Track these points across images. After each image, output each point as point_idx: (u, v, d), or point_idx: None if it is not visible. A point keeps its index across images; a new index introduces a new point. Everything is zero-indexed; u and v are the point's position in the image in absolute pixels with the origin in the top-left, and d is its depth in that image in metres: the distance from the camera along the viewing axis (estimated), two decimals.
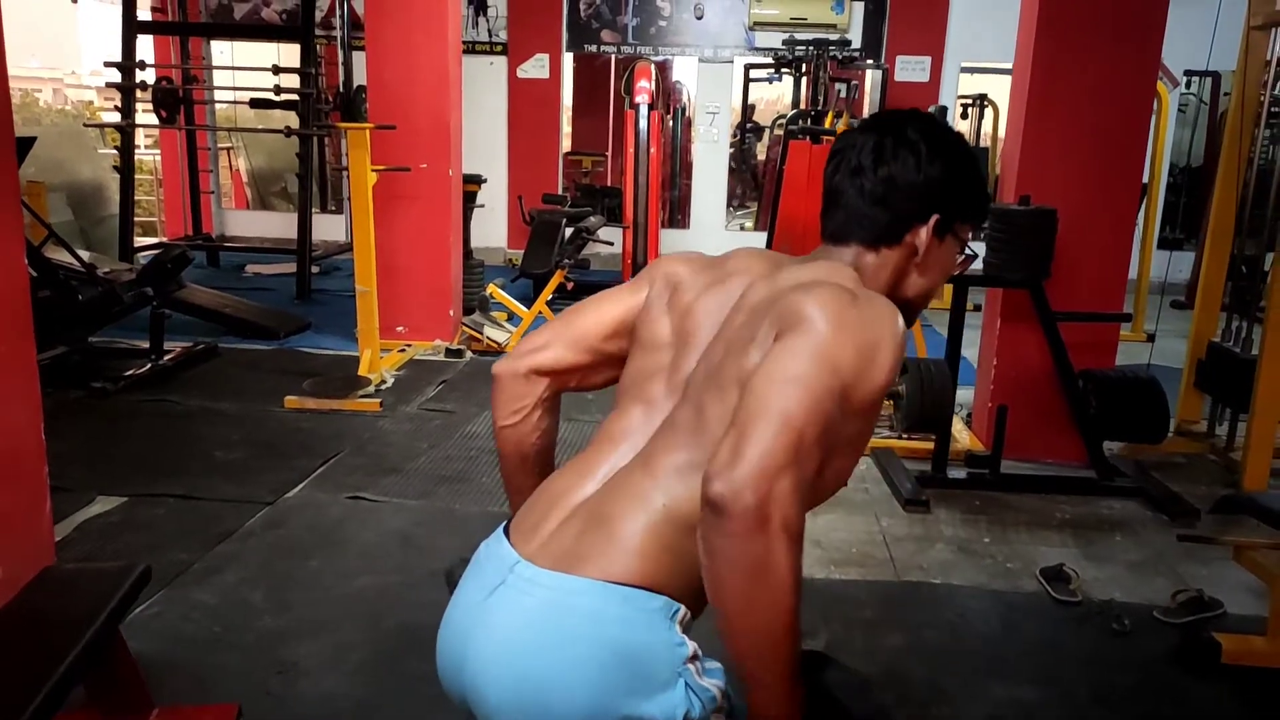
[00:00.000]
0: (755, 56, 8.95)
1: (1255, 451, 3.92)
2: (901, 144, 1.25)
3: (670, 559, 1.13)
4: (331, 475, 3.83)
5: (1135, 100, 3.96)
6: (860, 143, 1.27)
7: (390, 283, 5.42)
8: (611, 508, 1.16)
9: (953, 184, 1.26)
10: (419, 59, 5.50)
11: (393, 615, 2.76)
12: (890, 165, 1.24)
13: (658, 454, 1.18)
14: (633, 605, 1.11)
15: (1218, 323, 4.44)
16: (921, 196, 1.24)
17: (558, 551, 1.16)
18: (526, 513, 1.26)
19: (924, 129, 1.26)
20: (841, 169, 1.28)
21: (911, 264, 1.27)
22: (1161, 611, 2.94)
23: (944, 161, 1.25)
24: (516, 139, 9.20)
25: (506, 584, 1.16)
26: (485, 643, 1.15)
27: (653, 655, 1.10)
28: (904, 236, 1.25)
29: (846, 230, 1.27)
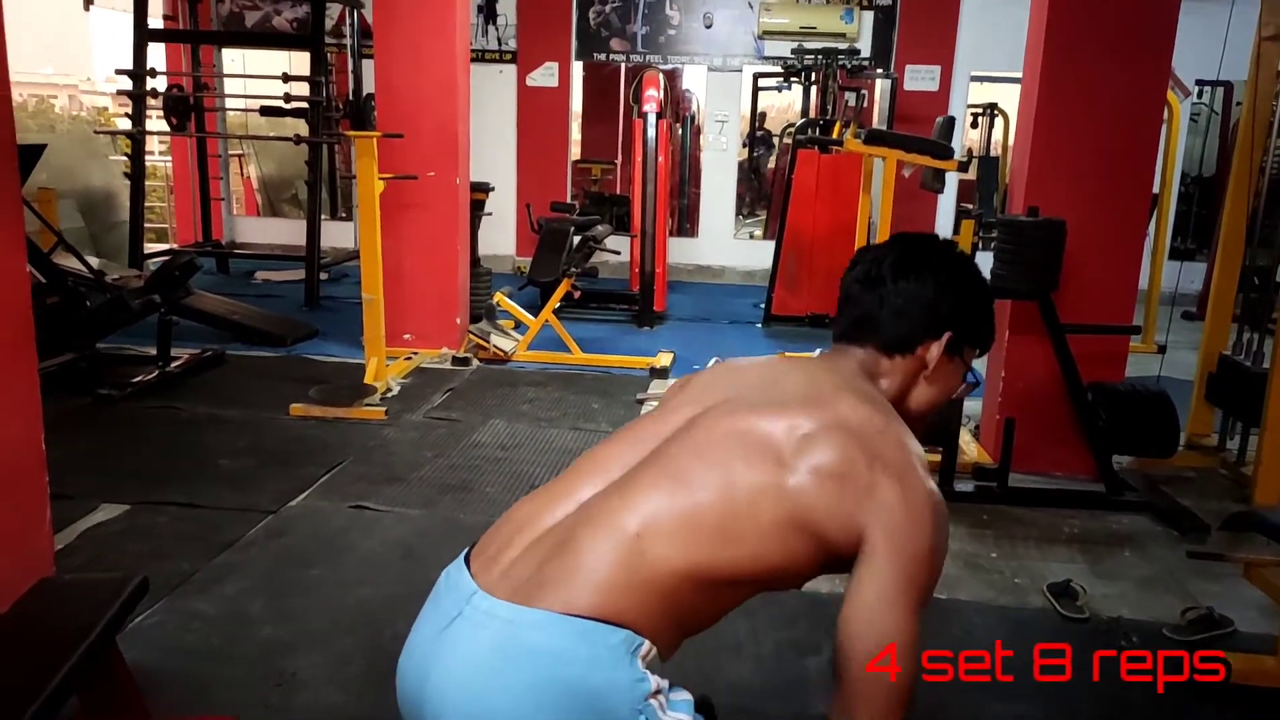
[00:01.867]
0: (764, 65, 8.94)
1: (1267, 466, 3.88)
2: (924, 264, 1.33)
3: (639, 594, 1.11)
4: (335, 484, 3.82)
5: (1145, 111, 3.93)
6: (882, 256, 1.35)
7: (397, 290, 5.42)
8: (579, 536, 1.15)
9: (967, 308, 1.35)
10: (427, 67, 5.51)
11: (393, 627, 2.73)
12: (911, 281, 1.31)
13: (638, 487, 1.17)
14: (591, 640, 1.09)
15: (1229, 335, 4.40)
16: (937, 314, 1.32)
17: (518, 581, 1.15)
18: (488, 540, 1.26)
19: (944, 253, 1.36)
20: (862, 278, 1.35)
21: (920, 376, 1.34)
22: (1171, 629, 2.90)
23: (961, 285, 1.34)
24: (525, 147, 9.21)
25: (463, 616, 1.15)
26: (442, 679, 1.13)
27: (611, 693, 1.08)
28: (916, 349, 1.32)
29: (863, 334, 1.34)
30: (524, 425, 4.62)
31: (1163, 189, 6.46)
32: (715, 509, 1.13)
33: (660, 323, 7.03)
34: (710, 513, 1.13)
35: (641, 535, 1.12)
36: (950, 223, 8.58)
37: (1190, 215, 9.45)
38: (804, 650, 2.72)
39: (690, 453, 1.18)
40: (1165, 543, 3.60)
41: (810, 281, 6.93)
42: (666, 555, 1.11)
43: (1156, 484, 4.08)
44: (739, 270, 9.20)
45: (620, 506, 1.15)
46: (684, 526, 1.13)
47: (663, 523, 1.12)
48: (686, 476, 1.16)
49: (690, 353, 6.02)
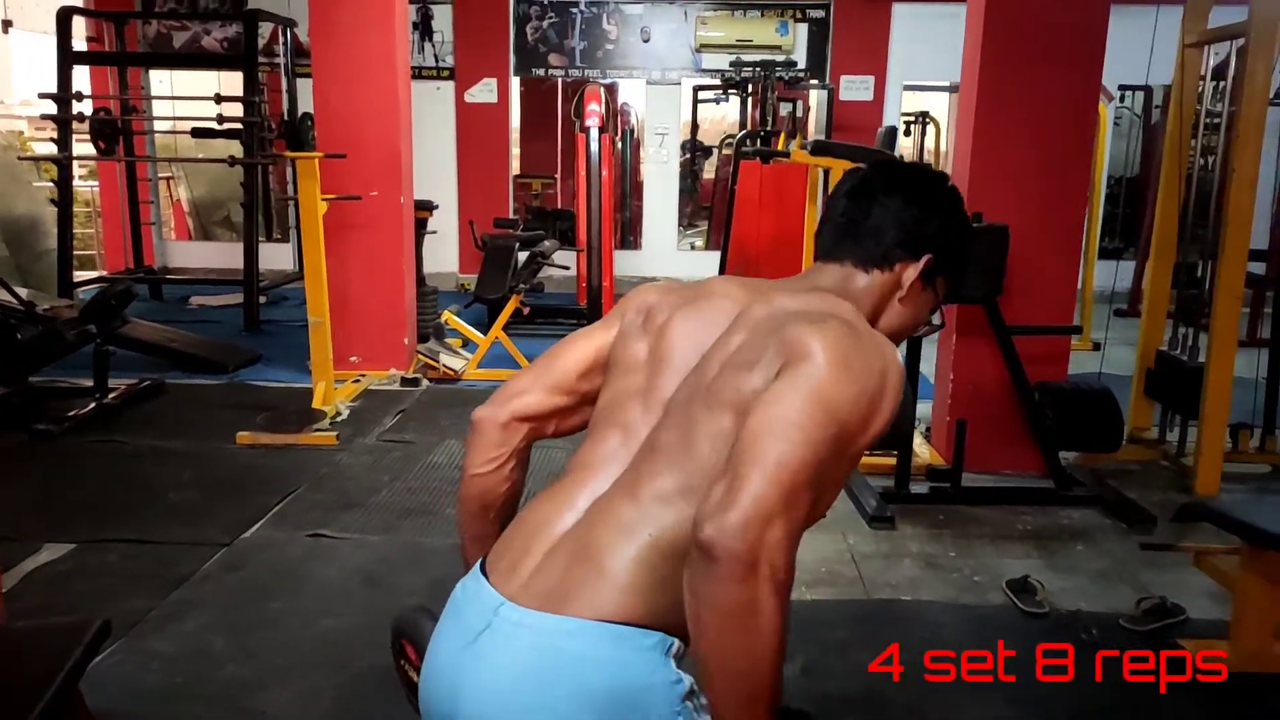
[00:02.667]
0: (703, 78, 9.03)
1: (1206, 457, 4.03)
2: (916, 183, 1.31)
3: (662, 592, 1.10)
4: (290, 513, 3.74)
5: (1079, 117, 4.06)
6: (874, 174, 1.33)
7: (343, 312, 5.33)
8: (597, 539, 1.13)
9: (951, 235, 1.32)
10: (367, 86, 5.45)
11: (361, 658, 2.69)
12: (900, 196, 1.29)
13: (641, 480, 1.15)
14: (627, 645, 1.08)
15: (1164, 331, 4.55)
16: (922, 233, 1.29)
17: (543, 590, 1.13)
18: (503, 549, 1.22)
19: (936, 180, 1.34)
20: (851, 191, 1.33)
21: (895, 296, 1.30)
22: (1127, 620, 2.98)
23: (949, 212, 1.32)
24: (466, 164, 9.15)
25: (492, 628, 1.13)
26: (476, 694, 1.11)
27: (651, 696, 1.08)
28: (895, 265, 1.29)
29: (844, 247, 1.30)
30: None
31: (1092, 191, 6.67)
32: (706, 476, 1.09)
33: None
34: (704, 483, 1.08)
35: (655, 535, 1.11)
36: None
37: (1117, 215, 9.77)
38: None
39: (680, 438, 1.15)
40: (1114, 535, 3.71)
41: None
42: (678, 541, 1.08)
43: (1102, 478, 4.20)
44: (683, 281, 9.25)
45: (631, 508, 1.13)
46: (687, 507, 1.09)
47: (671, 516, 1.11)
48: (678, 461, 1.13)
49: None
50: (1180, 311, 4.47)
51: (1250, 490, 4.15)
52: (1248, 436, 4.30)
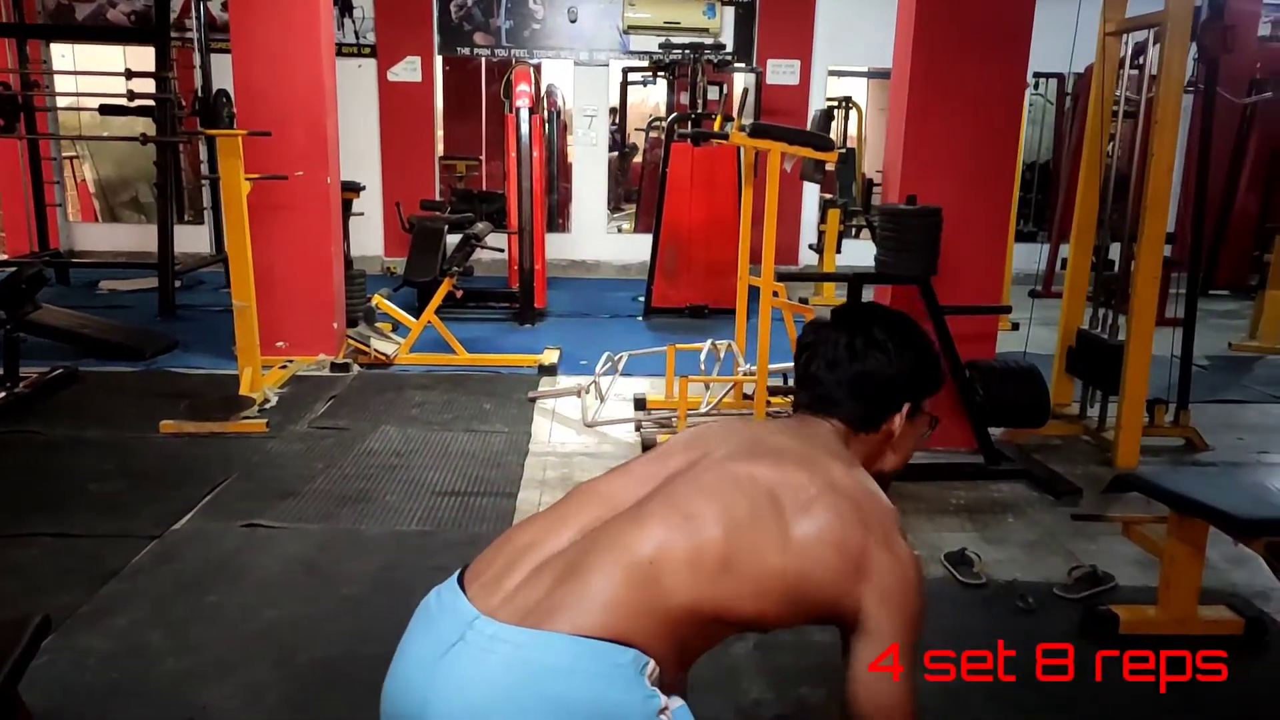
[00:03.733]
0: (631, 60, 8.99)
1: (1126, 431, 4.20)
2: (872, 344, 1.42)
3: (647, 619, 1.13)
4: (221, 503, 3.62)
5: (1007, 102, 4.16)
6: (833, 339, 1.45)
7: (269, 296, 5.17)
8: (590, 560, 1.16)
9: (919, 374, 1.45)
10: (290, 62, 5.27)
11: (306, 650, 2.62)
12: (864, 362, 1.41)
13: (653, 513, 1.20)
14: (603, 660, 1.10)
15: (1084, 311, 4.72)
16: (894, 390, 1.42)
17: (524, 606, 1.14)
18: (484, 564, 1.23)
19: (889, 328, 1.45)
20: (817, 361, 1.45)
21: (888, 444, 1.45)
22: (1061, 588, 3.09)
23: (911, 356, 1.44)
24: (390, 144, 8.95)
25: (465, 640, 1.13)
26: (445, 704, 1.11)
27: (625, 711, 1.10)
28: (881, 425, 1.42)
29: (828, 409, 1.43)
30: (416, 430, 4.50)
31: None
32: (721, 547, 1.17)
33: (541, 320, 6.98)
34: (717, 550, 1.17)
35: (655, 562, 1.14)
36: (816, 212, 8.85)
37: (1030, 201, 10.08)
38: (731, 638, 2.75)
39: (695, 491, 1.22)
40: (1042, 507, 3.84)
41: (689, 273, 7.02)
42: (675, 586, 1.14)
43: (1028, 452, 4.35)
44: (614, 264, 9.24)
45: (633, 535, 1.17)
46: (693, 561, 1.16)
47: (674, 554, 1.15)
48: (695, 513, 1.19)
49: (575, 349, 6.00)
50: (1099, 292, 4.64)
51: (1166, 462, 4.34)
52: (1163, 411, 4.49)
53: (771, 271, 4.09)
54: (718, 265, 6.98)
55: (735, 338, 4.85)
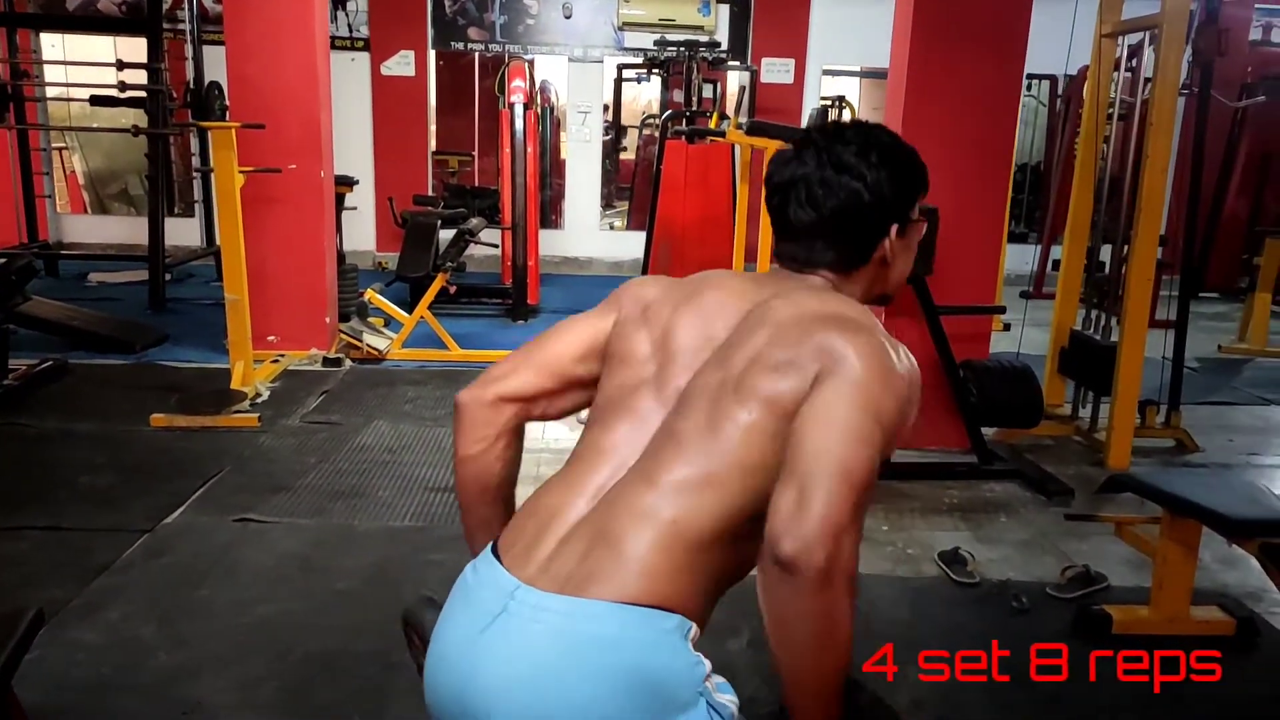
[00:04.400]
0: (625, 56, 8.98)
1: (1118, 431, 4.22)
2: (843, 170, 1.26)
3: (682, 577, 1.11)
4: (213, 497, 3.60)
5: (1003, 102, 4.17)
6: (802, 176, 1.28)
7: (261, 290, 5.14)
8: (616, 524, 1.13)
9: (901, 187, 1.30)
10: (284, 54, 5.25)
11: (300, 644, 2.61)
12: (840, 196, 1.26)
13: (660, 467, 1.15)
14: (650, 627, 1.08)
15: (1077, 312, 4.74)
16: (877, 215, 1.28)
17: (561, 574, 1.12)
18: (515, 535, 1.21)
19: (859, 145, 1.28)
20: (792, 203, 1.29)
21: (885, 268, 1.33)
22: (1054, 588, 3.10)
23: (886, 171, 1.28)
24: (383, 139, 8.92)
25: (509, 611, 1.11)
26: (492, 676, 1.09)
27: (674, 677, 1.08)
28: (872, 255, 1.30)
29: (815, 260, 1.30)
30: (409, 426, 4.48)
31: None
32: (733, 465, 1.12)
33: (534, 316, 6.97)
34: (731, 471, 1.12)
35: (677, 520, 1.11)
36: None
37: (1022, 202, 10.11)
38: (724, 634, 2.76)
39: (703, 427, 1.15)
40: (1035, 507, 3.85)
41: (682, 271, 6.91)
42: (700, 528, 1.11)
43: (1020, 452, 4.36)
44: (606, 261, 9.23)
45: (650, 495, 1.13)
46: (711, 495, 1.12)
47: (692, 501, 1.12)
48: (703, 449, 1.14)
49: None
50: (1092, 293, 4.66)
51: (1157, 463, 4.36)
52: (1154, 412, 4.51)
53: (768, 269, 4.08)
54: (711, 263, 6.92)
55: None
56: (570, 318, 1.39)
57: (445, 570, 3.26)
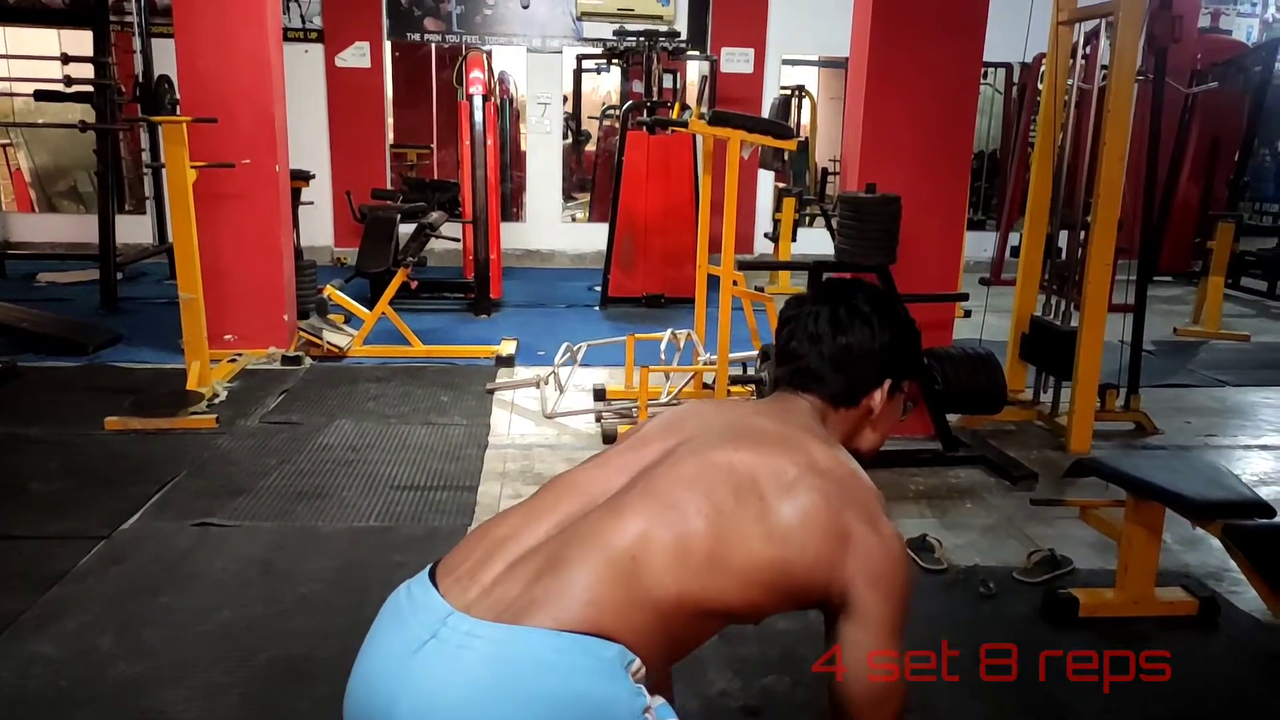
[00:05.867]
0: (584, 47, 8.91)
1: (1079, 416, 4.27)
2: (855, 315, 1.40)
3: (632, 613, 1.10)
4: (171, 501, 3.51)
5: (963, 91, 4.19)
6: (815, 312, 1.42)
7: (216, 288, 5.04)
8: (572, 554, 1.12)
9: (902, 349, 1.43)
10: (236, 46, 5.13)
11: (264, 650, 2.55)
12: (847, 335, 1.39)
13: (635, 503, 1.16)
14: (587, 654, 1.06)
15: (1037, 299, 4.78)
16: (876, 364, 1.40)
17: (501, 601, 1.10)
18: (461, 557, 1.19)
19: (872, 301, 1.42)
20: (798, 334, 1.43)
21: (867, 421, 1.43)
22: (1020, 572, 3.13)
23: (893, 331, 1.41)
24: (339, 132, 8.79)
25: (439, 638, 1.08)
26: (418, 703, 1.06)
27: (612, 705, 1.06)
28: (861, 401, 1.40)
29: (809, 385, 1.41)
30: (372, 424, 4.41)
31: None
32: (706, 538, 1.14)
33: (497, 310, 6.91)
34: (702, 541, 1.14)
35: (637, 558, 1.11)
36: (771, 200, 8.89)
37: (979, 189, 10.21)
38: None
39: (675, 481, 1.19)
40: (999, 492, 3.88)
41: (645, 262, 7.00)
42: (661, 580, 1.11)
43: (984, 438, 4.40)
44: (568, 254, 9.18)
45: (613, 527, 1.13)
46: (678, 553, 1.13)
47: (657, 547, 1.12)
48: (676, 503, 1.16)
49: (532, 339, 5.94)
50: (1053, 280, 4.70)
51: (1118, 446, 4.43)
52: (1114, 396, 4.57)
53: (732, 260, 4.07)
54: (674, 254, 6.96)
55: (694, 327, 4.84)
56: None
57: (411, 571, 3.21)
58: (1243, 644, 2.76)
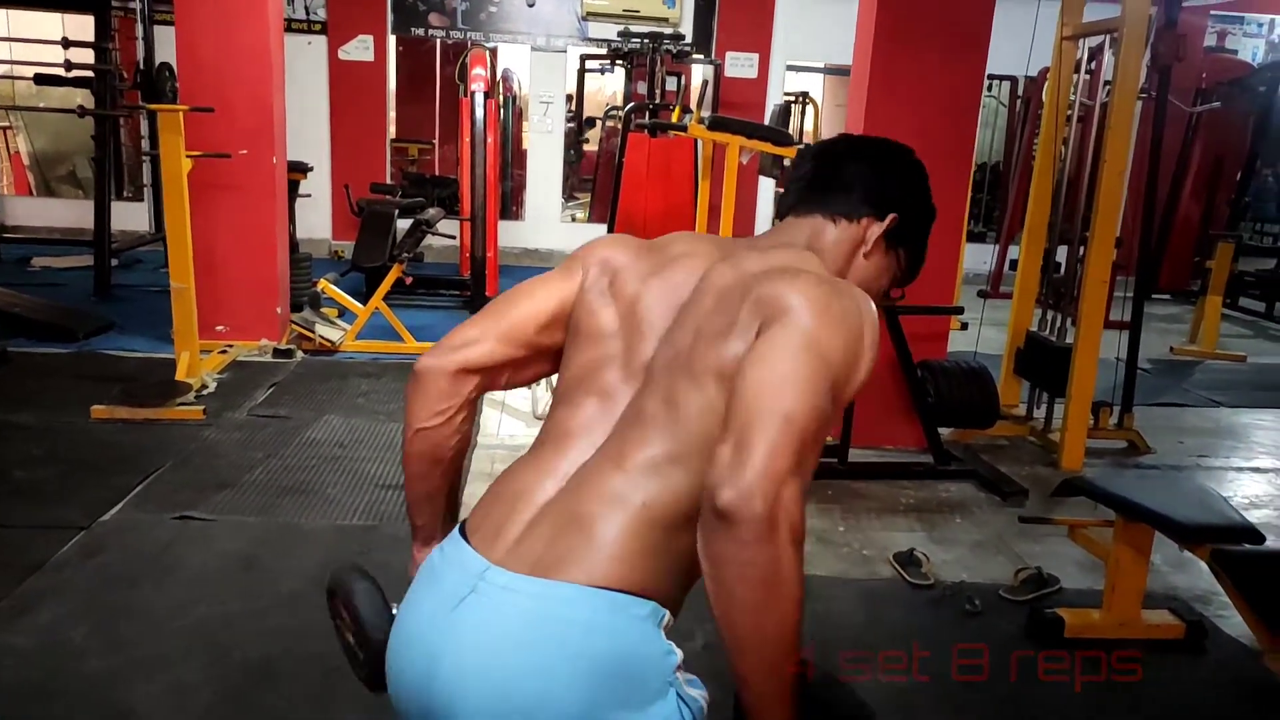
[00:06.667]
0: (589, 47, 8.89)
1: (1071, 433, 4.25)
2: (883, 151, 1.32)
3: (653, 561, 1.07)
4: (154, 493, 3.49)
5: (965, 102, 4.17)
6: (842, 140, 1.36)
7: (209, 278, 5.01)
8: (585, 507, 1.09)
9: (914, 200, 1.32)
10: (237, 35, 5.10)
11: (240, 648, 2.53)
12: (868, 159, 1.30)
13: (628, 448, 1.11)
14: (623, 612, 1.04)
15: (1033, 313, 4.76)
16: (886, 195, 1.28)
17: (531, 556, 1.07)
18: (482, 517, 1.17)
19: (903, 152, 1.34)
20: (818, 155, 1.33)
21: (860, 251, 1.28)
22: (1007, 590, 3.11)
23: (913, 183, 1.33)
24: (340, 125, 8.74)
25: (478, 592, 1.07)
26: (461, 657, 1.05)
27: (645, 665, 1.05)
28: (861, 218, 1.27)
29: (809, 203, 1.30)
30: (361, 420, 4.39)
31: None
32: (696, 444, 1.08)
33: None
34: (694, 450, 1.08)
35: (647, 504, 1.07)
36: (771, 209, 8.86)
37: (980, 202, 10.19)
38: (679, 637, 2.72)
39: (666, 406, 1.11)
40: (989, 508, 3.86)
41: None
42: (671, 510, 1.07)
43: (976, 453, 4.38)
44: (567, 253, 9.03)
45: (619, 477, 1.09)
46: (679, 475, 1.08)
47: (662, 484, 1.08)
48: (667, 429, 1.10)
49: None
50: (1049, 295, 4.68)
51: (1110, 464, 4.40)
52: (1108, 414, 4.55)
53: None
54: None
55: None
56: (531, 280, 1.32)
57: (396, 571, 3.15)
58: (1230, 669, 2.74)
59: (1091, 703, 2.53)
